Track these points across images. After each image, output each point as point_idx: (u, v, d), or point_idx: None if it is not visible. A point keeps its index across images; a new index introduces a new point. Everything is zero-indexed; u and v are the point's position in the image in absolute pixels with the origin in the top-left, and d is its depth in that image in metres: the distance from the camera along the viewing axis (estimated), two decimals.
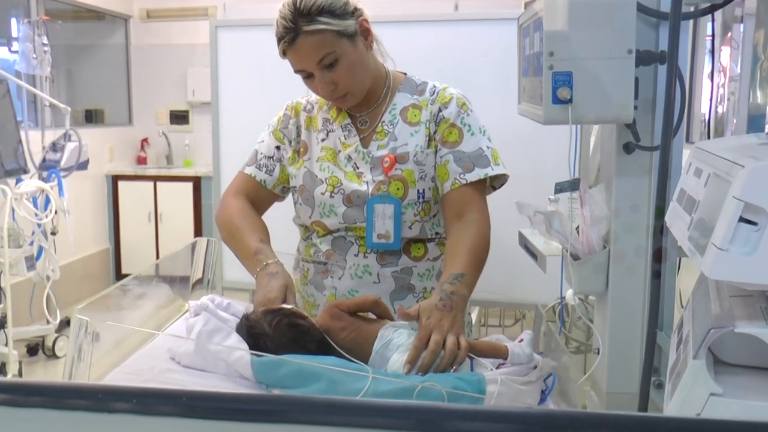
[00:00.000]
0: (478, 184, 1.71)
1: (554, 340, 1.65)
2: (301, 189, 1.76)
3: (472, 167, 1.70)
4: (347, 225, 1.72)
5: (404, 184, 1.70)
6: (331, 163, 1.74)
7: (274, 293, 1.52)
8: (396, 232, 1.70)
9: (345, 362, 1.34)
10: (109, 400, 0.43)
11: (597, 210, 1.47)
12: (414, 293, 1.77)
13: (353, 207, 1.71)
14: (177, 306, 1.89)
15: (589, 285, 1.53)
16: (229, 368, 1.37)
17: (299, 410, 0.41)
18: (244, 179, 1.84)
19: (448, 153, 1.71)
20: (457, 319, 1.46)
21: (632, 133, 1.42)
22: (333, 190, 1.72)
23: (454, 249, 1.63)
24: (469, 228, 1.66)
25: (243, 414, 0.42)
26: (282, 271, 1.60)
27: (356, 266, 1.73)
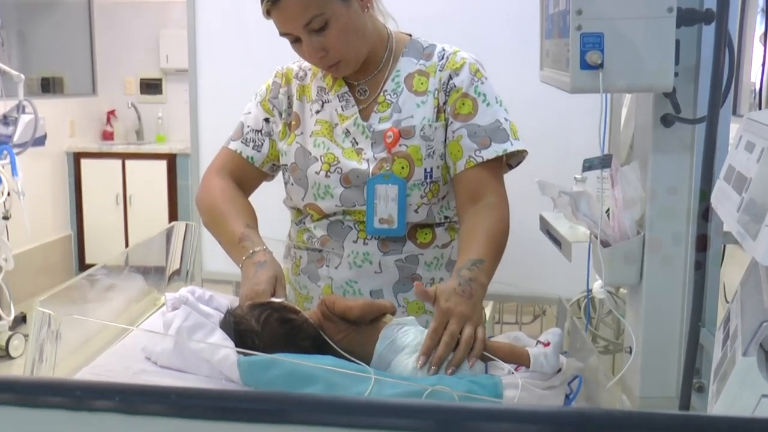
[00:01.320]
0: (495, 163, 1.72)
1: (580, 338, 1.65)
2: (292, 167, 1.76)
3: (488, 143, 1.70)
4: (345, 208, 1.72)
5: (409, 162, 1.70)
6: (327, 138, 1.74)
7: (262, 285, 1.53)
8: (400, 216, 1.71)
9: (344, 363, 1.35)
10: (89, 398, 0.43)
11: (630, 191, 1.47)
12: None
13: (352, 188, 1.72)
14: (152, 299, 1.90)
15: (621, 276, 1.53)
16: (212, 369, 1.38)
17: (303, 410, 0.42)
18: (229, 156, 1.84)
19: (461, 127, 1.71)
20: (476, 307, 1.48)
21: (672, 104, 1.42)
22: (329, 169, 1.72)
23: (471, 234, 1.63)
24: (487, 212, 1.67)
25: (240, 414, 0.42)
26: (271, 260, 1.61)
27: (355, 254, 1.73)
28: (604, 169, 1.51)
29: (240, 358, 1.33)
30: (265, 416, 0.42)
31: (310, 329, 1.42)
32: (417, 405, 0.43)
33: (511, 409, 0.43)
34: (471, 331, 1.41)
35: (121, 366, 1.43)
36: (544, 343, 1.39)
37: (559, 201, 1.56)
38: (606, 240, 1.52)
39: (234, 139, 1.85)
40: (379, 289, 1.74)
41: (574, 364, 1.46)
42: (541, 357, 1.36)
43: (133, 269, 1.90)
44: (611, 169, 1.50)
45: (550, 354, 1.36)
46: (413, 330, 1.44)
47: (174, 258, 2.03)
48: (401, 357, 1.39)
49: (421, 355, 1.37)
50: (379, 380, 1.28)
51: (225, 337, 1.41)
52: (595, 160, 1.49)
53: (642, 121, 1.53)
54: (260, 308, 1.44)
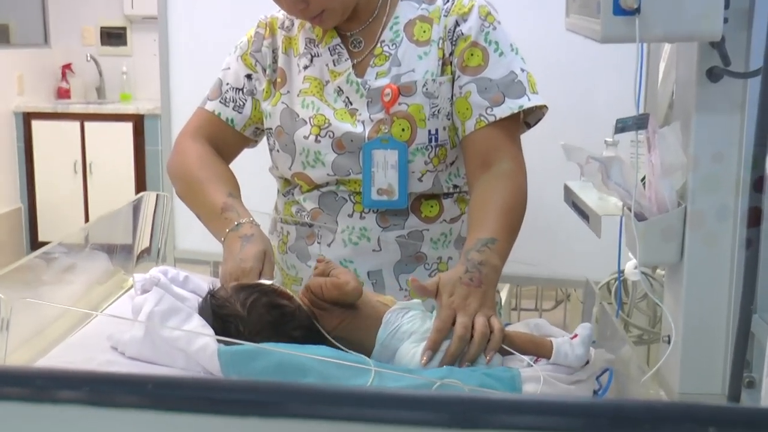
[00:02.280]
0: (510, 122, 1.71)
1: (610, 325, 1.66)
2: (278, 131, 1.76)
3: (501, 99, 1.69)
4: (338, 177, 1.73)
5: (411, 123, 1.70)
6: (317, 97, 1.74)
7: (249, 262, 1.53)
8: (401, 185, 1.71)
9: (340, 353, 1.35)
10: (53, 388, 0.43)
11: (670, 156, 1.47)
12: (426, 264, 1.78)
13: (345, 154, 1.72)
14: (118, 281, 1.90)
15: (658, 254, 1.53)
16: (189, 360, 1.38)
17: (299, 401, 0.42)
18: (206, 118, 1.84)
19: (470, 82, 1.70)
20: (487, 296, 1.47)
21: (720, 55, 1.41)
22: (319, 133, 1.72)
23: (482, 208, 1.63)
24: (500, 181, 1.67)
25: (227, 406, 0.42)
26: (259, 233, 1.61)
27: (350, 229, 1.74)
28: (639, 130, 1.50)
29: (221, 348, 1.34)
30: (255, 408, 0.42)
31: (302, 317, 1.43)
32: (429, 396, 0.44)
33: (534, 400, 0.44)
34: (484, 320, 1.41)
35: (82, 357, 1.44)
36: (571, 336, 1.40)
37: (587, 168, 1.56)
38: (641, 213, 1.52)
39: (211, 99, 1.84)
40: (378, 270, 1.75)
41: (603, 355, 1.46)
42: (566, 347, 1.36)
43: (96, 247, 1.91)
44: (648, 131, 1.49)
45: (577, 344, 1.37)
46: (420, 315, 1.44)
47: (143, 234, 2.03)
48: (407, 345, 1.39)
49: (426, 350, 1.37)
50: (381, 373, 1.29)
51: (203, 324, 1.41)
52: (630, 121, 1.49)
53: (684, 76, 1.53)
54: (247, 290, 1.44)
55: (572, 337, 1.39)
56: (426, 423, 0.42)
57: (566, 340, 1.38)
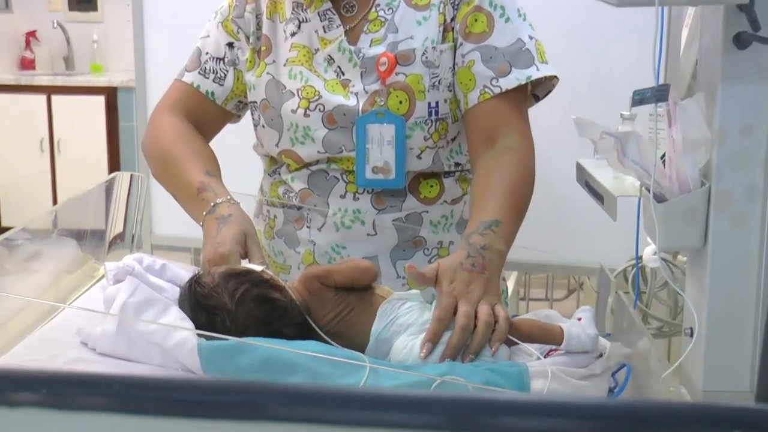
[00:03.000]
0: (517, 93, 1.71)
1: (628, 317, 1.66)
2: (263, 105, 1.76)
3: (507, 69, 1.69)
4: (330, 155, 1.73)
5: (409, 94, 1.70)
6: (305, 67, 1.74)
7: (227, 246, 1.53)
8: (398, 163, 1.71)
9: (332, 349, 1.35)
10: (7, 389, 0.43)
11: (692, 131, 1.47)
12: (425, 249, 1.78)
13: (337, 129, 1.71)
14: (88, 270, 1.90)
15: (680, 238, 1.53)
16: (166, 357, 1.38)
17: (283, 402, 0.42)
18: (184, 90, 1.84)
19: (474, 50, 1.70)
20: (491, 283, 1.47)
21: (748, 20, 1.40)
22: (308, 106, 1.72)
23: (485, 187, 1.63)
24: (506, 157, 1.66)
25: (203, 409, 0.42)
26: (238, 212, 1.61)
27: (343, 212, 1.74)
28: (659, 103, 1.50)
29: (201, 343, 1.34)
30: (234, 411, 0.42)
31: (295, 312, 1.42)
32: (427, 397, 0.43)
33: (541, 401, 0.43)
34: (488, 308, 1.41)
35: (48, 354, 1.44)
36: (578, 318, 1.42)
37: (602, 144, 1.56)
38: (661, 193, 1.51)
39: (189, 70, 1.84)
40: (373, 256, 1.75)
41: (619, 349, 1.46)
42: (576, 328, 1.37)
43: (64, 232, 1.91)
44: (668, 104, 1.49)
45: (586, 325, 1.38)
46: (419, 306, 1.44)
47: (116, 218, 2.03)
48: (404, 338, 1.39)
49: (425, 342, 1.36)
50: (376, 369, 1.29)
51: (182, 317, 1.41)
52: (648, 92, 1.48)
53: (709, 43, 1.52)
54: (236, 279, 1.43)
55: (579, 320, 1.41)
56: (424, 426, 0.42)
57: (575, 322, 1.40)
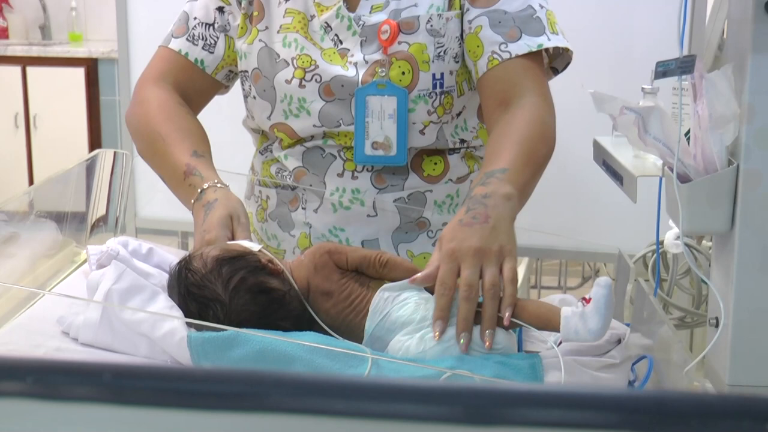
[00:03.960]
0: (532, 59, 1.71)
1: (648, 305, 1.66)
2: (255, 75, 1.76)
3: (517, 34, 1.69)
4: (326, 129, 1.73)
5: (412, 65, 1.70)
6: (300, 34, 1.73)
7: (213, 232, 1.54)
8: (400, 138, 1.71)
9: (331, 340, 1.36)
10: None
11: (719, 105, 1.47)
12: (429, 232, 1.79)
13: (335, 102, 1.72)
14: (69, 254, 1.90)
15: (704, 222, 1.53)
16: (153, 348, 1.39)
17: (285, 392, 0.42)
18: (171, 59, 1.83)
19: (481, 15, 1.70)
20: (496, 232, 1.41)
21: None
22: (303, 76, 1.72)
23: (495, 144, 1.63)
24: (518, 112, 1.65)
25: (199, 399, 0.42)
26: (223, 196, 1.61)
27: (341, 191, 1.74)
28: (683, 75, 1.49)
29: (191, 334, 1.34)
30: (232, 402, 0.42)
31: (294, 303, 1.42)
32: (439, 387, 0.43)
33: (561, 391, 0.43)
34: (494, 271, 1.37)
35: (27, 344, 1.44)
36: (586, 299, 1.35)
37: (622, 120, 1.55)
38: (685, 173, 1.51)
39: (176, 36, 1.84)
40: (373, 239, 1.75)
41: (639, 340, 1.46)
42: (575, 320, 1.32)
43: (42, 214, 1.90)
44: (693, 76, 1.49)
45: (589, 314, 1.32)
46: (414, 298, 1.42)
47: (98, 199, 2.03)
48: (400, 338, 1.38)
49: (435, 321, 1.34)
50: (377, 363, 1.29)
51: (171, 305, 1.42)
52: (672, 64, 1.48)
53: (737, 10, 1.52)
54: (230, 265, 1.43)
55: (586, 301, 1.34)
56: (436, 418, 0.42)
57: (577, 310, 1.34)
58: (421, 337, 1.37)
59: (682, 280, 2.37)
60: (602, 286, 1.34)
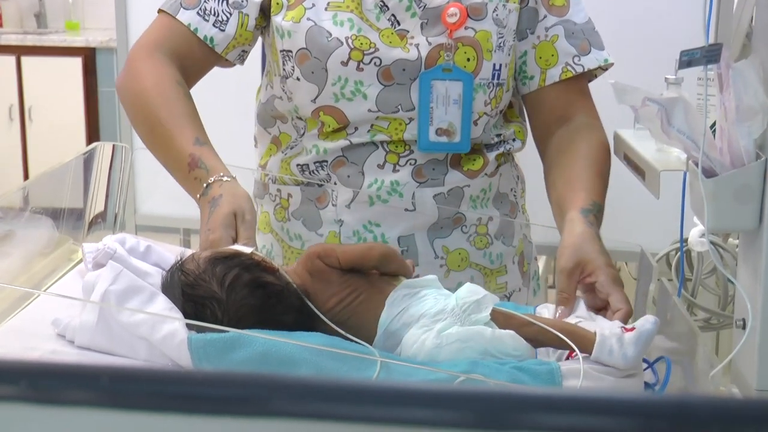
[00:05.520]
0: (586, 76, 1.83)
1: (672, 307, 1.66)
2: (300, 55, 1.74)
3: (587, 48, 1.79)
4: (381, 114, 1.73)
5: (477, 52, 1.73)
6: (355, 13, 1.72)
7: (217, 231, 1.54)
8: (465, 125, 1.74)
9: (337, 341, 1.36)
10: None
11: (747, 97, 1.46)
12: (463, 228, 1.81)
13: (393, 87, 1.72)
14: (65, 252, 1.90)
15: (731, 218, 1.53)
16: (152, 351, 1.39)
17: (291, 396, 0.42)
18: (175, 30, 1.79)
19: (558, 24, 1.77)
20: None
21: None
22: (362, 59, 1.71)
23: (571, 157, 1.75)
24: (584, 134, 1.78)
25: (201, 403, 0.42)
26: (228, 191, 1.60)
27: (379, 184, 1.74)
28: (709, 65, 1.49)
29: (191, 336, 1.34)
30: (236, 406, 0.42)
31: (293, 298, 1.43)
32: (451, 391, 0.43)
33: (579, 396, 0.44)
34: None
35: (21, 346, 1.44)
36: (626, 328, 1.37)
37: (644, 112, 1.55)
38: (711, 167, 1.51)
39: (186, 6, 1.78)
40: (410, 235, 1.76)
41: (662, 343, 1.47)
42: (612, 341, 1.34)
43: (38, 211, 1.90)
44: (720, 66, 1.48)
45: (628, 341, 1.33)
46: (433, 294, 1.44)
47: (97, 194, 2.03)
48: (415, 331, 1.39)
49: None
50: (387, 365, 1.29)
51: (170, 306, 1.42)
52: (698, 53, 1.48)
53: None
54: (223, 264, 1.43)
55: (627, 330, 1.36)
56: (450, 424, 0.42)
57: (616, 333, 1.35)
58: (438, 331, 1.37)
59: (707, 280, 2.37)
60: (650, 322, 1.38)
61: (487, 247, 1.83)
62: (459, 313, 1.39)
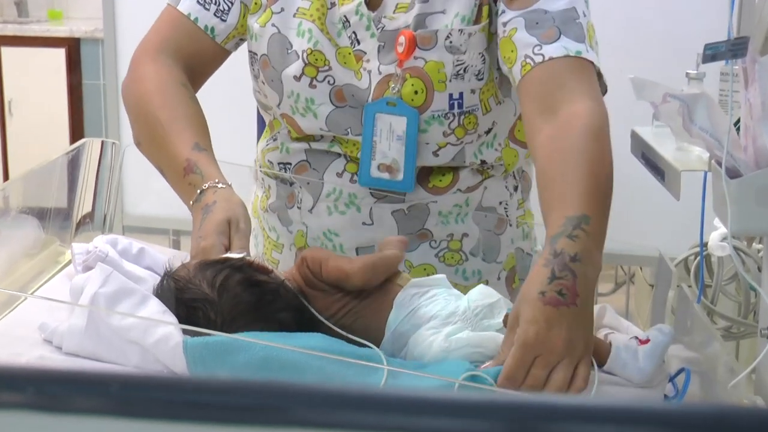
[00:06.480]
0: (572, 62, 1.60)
1: (692, 315, 1.66)
2: (263, 62, 1.76)
3: (555, 35, 1.61)
4: (334, 134, 1.74)
5: (426, 84, 1.69)
6: (317, 25, 1.72)
7: (210, 239, 1.53)
8: (408, 163, 1.71)
9: (340, 344, 1.36)
10: None
11: None
12: (431, 242, 1.79)
13: (345, 109, 1.72)
14: (52, 254, 1.91)
15: (755, 221, 1.53)
16: (144, 356, 1.38)
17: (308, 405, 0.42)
18: (177, 23, 1.81)
19: (517, 16, 1.64)
20: (580, 320, 1.32)
21: None
22: (315, 75, 1.72)
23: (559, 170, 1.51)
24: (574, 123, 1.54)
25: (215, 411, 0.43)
26: (223, 197, 1.59)
27: (337, 194, 1.74)
28: (734, 59, 1.49)
29: (187, 340, 1.34)
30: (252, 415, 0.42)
31: (289, 295, 1.43)
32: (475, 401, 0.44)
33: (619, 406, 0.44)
34: (564, 376, 1.29)
35: (6, 352, 1.44)
36: (641, 340, 1.37)
37: (664, 108, 1.56)
38: (734, 167, 1.51)
39: None
40: (369, 246, 1.75)
41: (682, 353, 1.47)
42: (627, 354, 1.34)
43: (24, 210, 1.90)
44: (744, 60, 1.49)
45: (644, 354, 1.34)
46: (444, 294, 1.45)
47: (84, 194, 2.03)
48: (423, 332, 1.39)
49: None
50: (394, 370, 1.30)
51: (163, 310, 1.42)
52: (722, 47, 1.48)
53: None
54: (213, 267, 1.44)
55: (642, 342, 1.37)
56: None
57: (631, 345, 1.35)
58: (447, 335, 1.38)
59: (728, 287, 2.37)
60: (665, 333, 1.38)
61: (460, 264, 1.80)
62: (471, 317, 1.40)
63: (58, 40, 5.59)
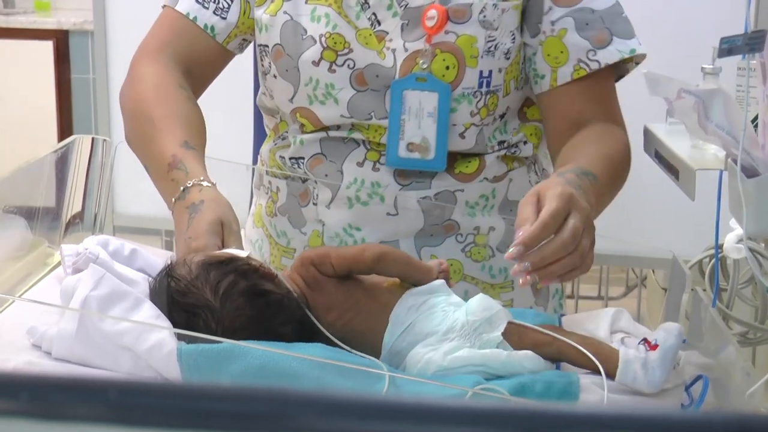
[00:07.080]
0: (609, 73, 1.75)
1: (707, 319, 1.66)
2: (276, 52, 1.76)
3: (607, 38, 1.70)
4: (355, 121, 1.73)
5: (458, 59, 1.70)
6: (333, 8, 1.73)
7: (202, 240, 1.53)
8: (440, 140, 1.72)
9: (340, 353, 1.37)
10: None
11: None
12: (458, 235, 1.79)
13: (367, 92, 1.72)
14: (40, 255, 1.91)
15: None
16: (137, 363, 1.39)
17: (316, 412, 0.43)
18: (175, 23, 1.82)
19: (566, 15, 1.70)
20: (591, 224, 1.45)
21: None
22: (335, 60, 1.72)
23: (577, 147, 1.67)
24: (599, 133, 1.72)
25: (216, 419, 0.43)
26: (210, 197, 1.59)
27: (359, 184, 1.74)
28: (751, 54, 1.50)
29: (181, 346, 1.34)
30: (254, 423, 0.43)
31: (294, 307, 1.43)
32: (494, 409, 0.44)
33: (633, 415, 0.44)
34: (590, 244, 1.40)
35: None
36: (650, 344, 1.37)
37: (679, 104, 1.56)
38: (752, 165, 1.51)
39: None
40: (393, 240, 1.75)
41: (695, 358, 1.46)
42: (636, 366, 1.34)
43: (11, 210, 1.90)
44: (762, 55, 1.49)
45: (654, 363, 1.33)
46: (442, 305, 1.43)
47: (74, 193, 2.03)
48: (419, 350, 1.38)
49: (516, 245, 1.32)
50: (395, 381, 1.30)
51: (157, 314, 1.42)
52: (738, 40, 1.48)
53: None
54: (219, 270, 1.43)
55: (651, 347, 1.36)
56: None
57: (640, 355, 1.35)
58: (444, 353, 1.37)
59: (744, 290, 2.37)
60: (673, 334, 1.37)
61: (486, 260, 1.81)
62: (469, 332, 1.39)
63: (45, 32, 5.59)
